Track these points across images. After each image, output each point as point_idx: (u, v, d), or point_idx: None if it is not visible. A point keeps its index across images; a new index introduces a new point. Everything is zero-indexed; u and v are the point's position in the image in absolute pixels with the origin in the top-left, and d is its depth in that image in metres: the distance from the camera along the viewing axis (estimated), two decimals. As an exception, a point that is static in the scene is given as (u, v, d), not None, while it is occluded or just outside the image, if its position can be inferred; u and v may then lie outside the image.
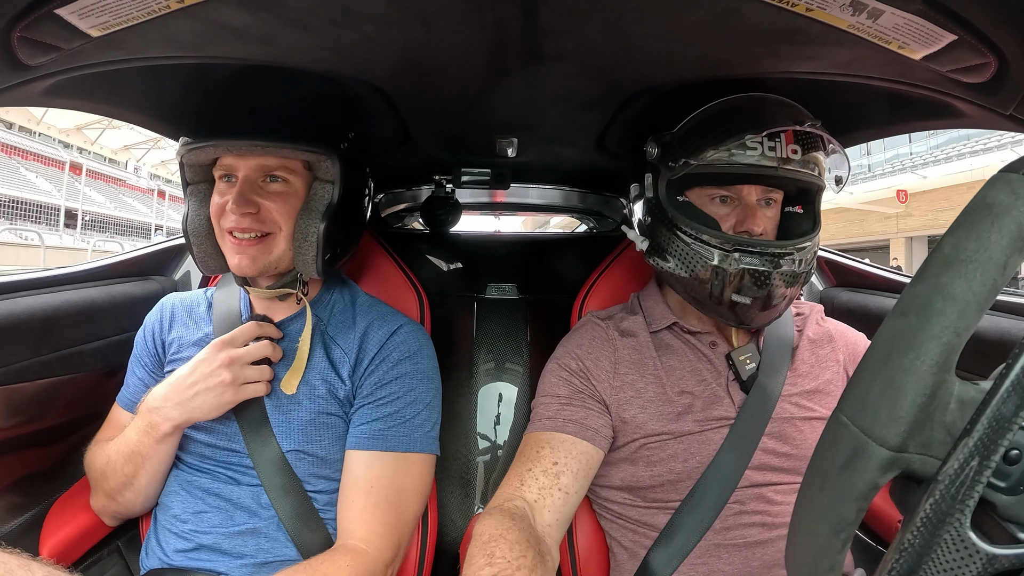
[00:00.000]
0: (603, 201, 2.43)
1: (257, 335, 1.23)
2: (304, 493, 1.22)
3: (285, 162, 1.19)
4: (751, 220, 1.15)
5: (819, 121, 1.11)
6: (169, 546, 1.20)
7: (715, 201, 1.19)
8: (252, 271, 1.21)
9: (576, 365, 1.25)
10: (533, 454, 1.17)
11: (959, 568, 0.35)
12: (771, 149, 1.10)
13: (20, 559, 0.94)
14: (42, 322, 1.31)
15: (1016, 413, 0.34)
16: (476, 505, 1.86)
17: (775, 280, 1.11)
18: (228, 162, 1.19)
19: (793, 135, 1.11)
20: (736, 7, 0.88)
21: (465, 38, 1.03)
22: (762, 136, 1.10)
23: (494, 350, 2.03)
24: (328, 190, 1.22)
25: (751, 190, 1.17)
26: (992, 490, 0.36)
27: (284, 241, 1.22)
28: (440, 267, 2.09)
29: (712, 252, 1.13)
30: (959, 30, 0.83)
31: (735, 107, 1.15)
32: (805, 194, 1.22)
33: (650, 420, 1.19)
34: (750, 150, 1.11)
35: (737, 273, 1.11)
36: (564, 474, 1.14)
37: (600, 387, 1.22)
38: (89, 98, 1.22)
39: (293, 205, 1.22)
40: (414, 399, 1.27)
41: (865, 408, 0.45)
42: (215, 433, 1.23)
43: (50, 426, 1.38)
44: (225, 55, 1.08)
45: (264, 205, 1.19)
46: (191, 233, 1.26)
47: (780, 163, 1.11)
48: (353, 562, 1.10)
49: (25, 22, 0.86)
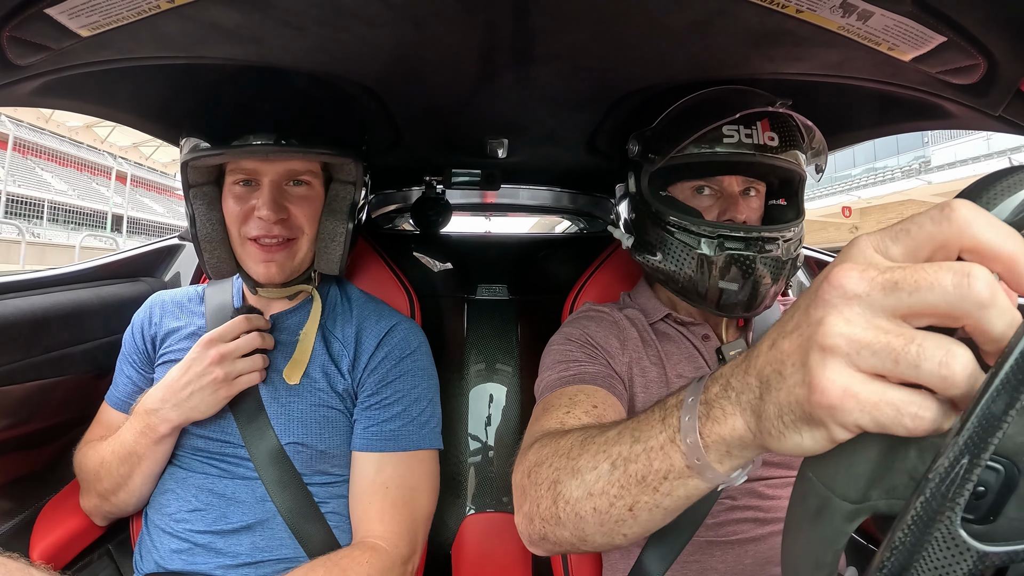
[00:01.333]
0: (593, 202, 2.44)
1: (246, 328, 1.23)
2: (303, 486, 1.21)
3: (310, 165, 1.22)
4: (734, 208, 1.15)
5: (790, 100, 1.09)
6: (164, 547, 1.19)
7: (697, 193, 1.20)
8: (280, 278, 1.23)
9: (586, 339, 1.21)
10: (565, 401, 1.03)
11: (950, 565, 0.35)
12: (748, 136, 1.11)
13: (19, 563, 0.93)
14: (31, 324, 1.30)
15: (1006, 411, 0.34)
16: (467, 506, 1.86)
17: (760, 266, 1.10)
18: (250, 167, 1.19)
19: (769, 123, 1.12)
20: (726, 8, 0.89)
21: (456, 39, 1.03)
22: (738, 124, 1.11)
23: (485, 351, 2.03)
24: (349, 191, 1.26)
25: (732, 180, 1.17)
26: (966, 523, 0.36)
27: (307, 244, 1.25)
28: (430, 268, 2.09)
29: (698, 240, 1.13)
30: (949, 32, 0.84)
31: (710, 98, 1.16)
32: (787, 185, 1.22)
33: (652, 401, 1.18)
34: (727, 138, 1.11)
35: (723, 259, 1.11)
36: (607, 417, 1.00)
37: (613, 362, 1.19)
38: (80, 98, 1.22)
39: (316, 207, 1.25)
40: (418, 396, 1.28)
41: (826, 466, 0.46)
42: (209, 426, 1.23)
43: (40, 428, 1.37)
44: (216, 55, 1.08)
45: (291, 210, 1.21)
46: (203, 239, 1.24)
47: (757, 150, 1.11)
48: (373, 558, 1.11)
49: (15, 22, 0.86)
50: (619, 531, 0.69)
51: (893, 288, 0.39)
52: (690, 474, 0.58)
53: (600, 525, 0.70)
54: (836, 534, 0.44)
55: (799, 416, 0.45)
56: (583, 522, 0.71)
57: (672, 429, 0.60)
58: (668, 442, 0.60)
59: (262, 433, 1.21)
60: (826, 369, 0.41)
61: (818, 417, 0.43)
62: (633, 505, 0.65)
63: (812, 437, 0.44)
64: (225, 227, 1.24)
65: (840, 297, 0.41)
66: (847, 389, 0.40)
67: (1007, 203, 0.40)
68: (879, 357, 0.39)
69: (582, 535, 0.73)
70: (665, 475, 0.60)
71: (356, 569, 1.08)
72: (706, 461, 0.56)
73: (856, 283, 0.41)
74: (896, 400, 0.39)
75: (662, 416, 0.62)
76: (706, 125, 1.10)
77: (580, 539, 0.74)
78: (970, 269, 0.37)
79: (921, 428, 0.39)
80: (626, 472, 0.64)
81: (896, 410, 0.39)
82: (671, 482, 0.60)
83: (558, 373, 1.13)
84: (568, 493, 0.72)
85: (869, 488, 0.43)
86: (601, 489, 0.68)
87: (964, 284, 0.37)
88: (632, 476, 0.64)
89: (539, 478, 0.80)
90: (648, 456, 0.62)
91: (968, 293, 0.37)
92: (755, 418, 0.50)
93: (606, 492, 0.67)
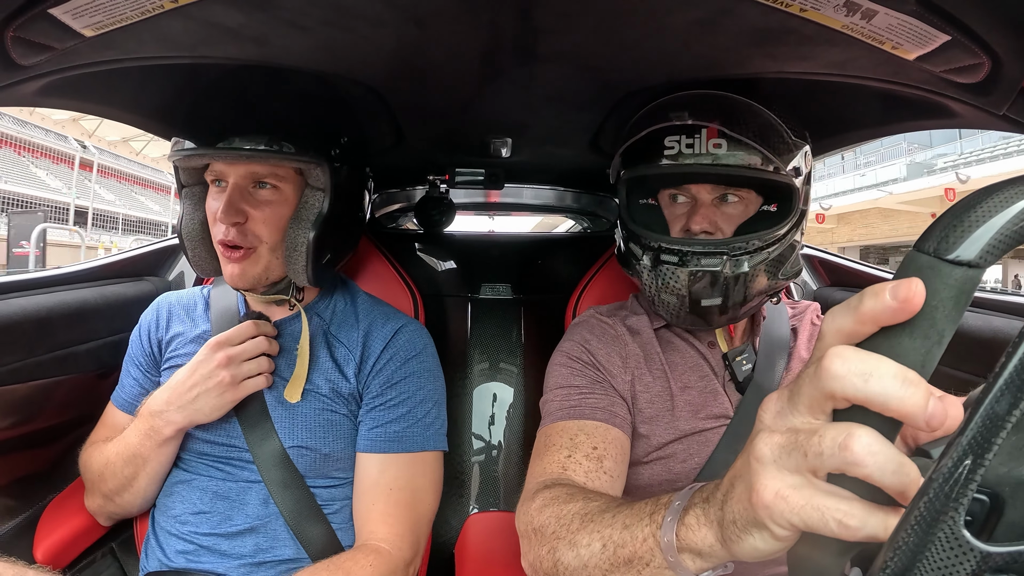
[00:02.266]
0: (597, 201, 2.44)
1: (254, 333, 1.22)
2: (306, 488, 1.22)
3: (275, 169, 1.17)
4: (693, 218, 1.14)
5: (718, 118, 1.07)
6: (170, 548, 1.20)
7: (673, 202, 1.19)
8: (242, 284, 1.21)
9: (588, 358, 1.21)
10: (566, 441, 1.09)
11: (954, 566, 0.35)
12: (689, 147, 1.09)
13: (15, 568, 0.93)
14: (36, 323, 1.31)
15: (1009, 411, 0.34)
16: (471, 506, 1.86)
17: (695, 280, 1.09)
18: (219, 168, 1.18)
19: (716, 131, 1.08)
20: (729, 7, 0.88)
21: (459, 39, 1.03)
22: (679, 133, 1.10)
23: (488, 350, 2.03)
24: (319, 198, 1.20)
25: (700, 188, 1.15)
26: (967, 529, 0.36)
27: (268, 253, 1.20)
28: (434, 267, 2.09)
29: (641, 252, 1.15)
30: (952, 30, 0.83)
31: (655, 109, 1.15)
32: (772, 191, 1.17)
33: (656, 417, 1.19)
34: (668, 149, 1.10)
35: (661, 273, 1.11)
36: (606, 458, 1.07)
37: (615, 381, 1.19)
38: (83, 98, 1.22)
39: (281, 214, 1.19)
40: (424, 398, 1.28)
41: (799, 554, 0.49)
42: (213, 430, 1.23)
43: (44, 427, 1.38)
44: (219, 55, 1.08)
45: (251, 215, 1.17)
46: (186, 237, 1.25)
47: (699, 159, 1.09)
48: (376, 562, 1.11)
49: (18, 22, 0.86)
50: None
51: (793, 447, 0.45)
52: (667, 566, 0.65)
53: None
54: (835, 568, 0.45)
55: (748, 520, 0.50)
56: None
57: (655, 525, 0.67)
58: (651, 536, 0.67)
59: (266, 436, 1.21)
60: (761, 475, 0.47)
61: (760, 519, 0.47)
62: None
63: (762, 539, 0.50)
64: (207, 227, 1.24)
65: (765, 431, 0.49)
66: (778, 492, 0.45)
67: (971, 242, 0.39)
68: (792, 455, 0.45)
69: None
70: (647, 563, 0.68)
71: (359, 572, 1.08)
72: (678, 559, 0.62)
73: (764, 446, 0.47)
74: (821, 505, 0.43)
75: (651, 511, 0.70)
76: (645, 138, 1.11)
77: None
78: (848, 431, 0.41)
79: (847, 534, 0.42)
80: (615, 554, 0.73)
81: (821, 514, 0.43)
82: (652, 569, 0.68)
83: (560, 401, 1.17)
84: (567, 561, 0.82)
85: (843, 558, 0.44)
86: (595, 564, 0.77)
87: (845, 446, 0.41)
88: (620, 558, 0.72)
89: (543, 539, 0.88)
90: (634, 544, 0.70)
91: (847, 455, 0.41)
92: (719, 528, 0.56)
93: (599, 567, 0.76)
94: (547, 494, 0.95)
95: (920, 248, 0.41)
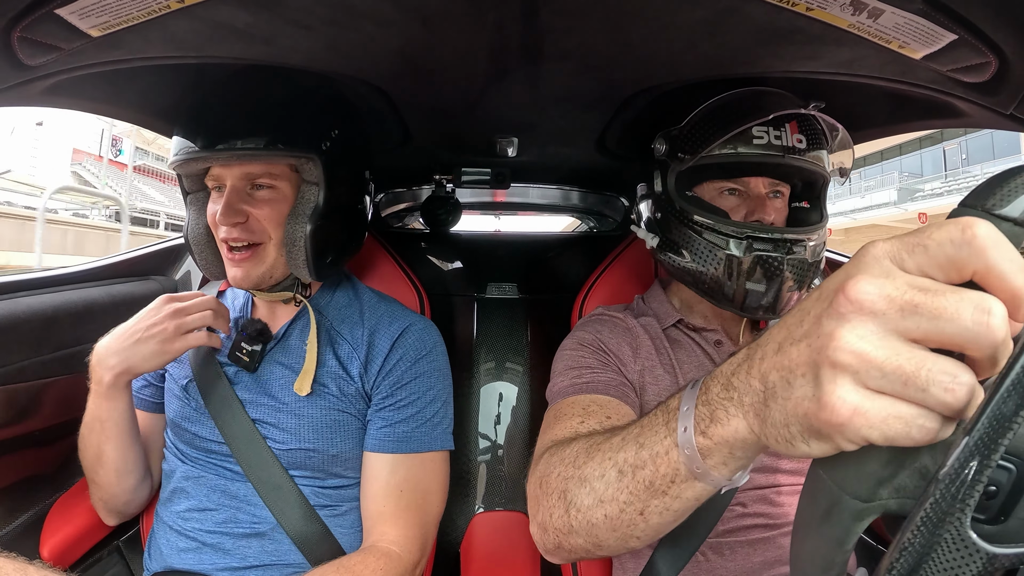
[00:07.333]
0: (603, 200, 2.43)
1: (212, 305, 1.24)
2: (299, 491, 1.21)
3: (268, 168, 1.18)
4: (761, 209, 1.15)
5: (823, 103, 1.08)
6: (172, 545, 1.19)
7: (724, 194, 1.19)
8: (247, 284, 1.21)
9: (599, 344, 1.21)
10: (579, 411, 1.03)
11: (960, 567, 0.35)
12: (777, 138, 1.11)
13: (16, 563, 0.93)
14: (42, 322, 1.31)
15: (1016, 412, 0.34)
16: (477, 505, 1.86)
17: (787, 268, 1.10)
18: (216, 172, 1.19)
19: (797, 126, 1.11)
20: (736, 6, 0.88)
21: (465, 38, 1.03)
22: (768, 125, 1.10)
23: (494, 350, 2.03)
24: (314, 192, 1.20)
25: (759, 182, 1.17)
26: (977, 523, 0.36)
27: (275, 249, 1.21)
28: (440, 267, 2.09)
29: (726, 240, 1.13)
30: (959, 29, 0.83)
31: (740, 99, 1.15)
32: (810, 188, 1.22)
33: None
34: (757, 139, 1.11)
35: (751, 260, 1.11)
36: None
37: (625, 369, 1.18)
38: (89, 98, 1.22)
39: (281, 211, 1.20)
40: (433, 398, 1.28)
41: (836, 464, 0.46)
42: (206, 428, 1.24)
43: (50, 426, 1.38)
44: (226, 55, 1.08)
45: (253, 214, 1.18)
46: (192, 242, 1.27)
47: (786, 152, 1.11)
48: (386, 565, 1.11)
49: (25, 22, 0.86)
50: (632, 535, 0.70)
51: (912, 311, 0.39)
52: (695, 478, 0.59)
53: (613, 531, 0.71)
54: (846, 533, 0.44)
55: (806, 428, 0.45)
56: (596, 528, 0.72)
57: (675, 435, 0.60)
58: (673, 446, 0.61)
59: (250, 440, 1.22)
60: (836, 387, 0.41)
61: (826, 433, 0.43)
62: (644, 509, 0.66)
63: (819, 447, 0.45)
64: (212, 232, 1.24)
65: (855, 312, 0.41)
66: (857, 408, 0.40)
67: (1017, 203, 0.40)
68: (888, 379, 0.40)
69: (596, 541, 0.74)
70: (672, 479, 0.61)
71: (367, 574, 1.08)
72: (705, 468, 0.57)
73: (874, 300, 0.40)
74: (905, 414, 0.39)
75: (665, 420, 0.64)
76: (738, 126, 1.10)
77: (594, 545, 0.75)
78: (990, 306, 0.37)
79: (927, 438, 0.39)
80: (634, 478, 0.66)
81: (905, 423, 0.39)
82: (678, 485, 0.61)
83: (570, 379, 1.13)
84: (579, 502, 0.73)
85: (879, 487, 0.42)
86: (611, 496, 0.69)
87: (983, 322, 0.37)
88: (640, 482, 0.65)
89: (549, 488, 0.81)
90: (654, 462, 0.63)
91: (986, 332, 0.37)
92: (759, 421, 0.50)
93: (616, 499, 0.68)
94: (553, 449, 0.88)
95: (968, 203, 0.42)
